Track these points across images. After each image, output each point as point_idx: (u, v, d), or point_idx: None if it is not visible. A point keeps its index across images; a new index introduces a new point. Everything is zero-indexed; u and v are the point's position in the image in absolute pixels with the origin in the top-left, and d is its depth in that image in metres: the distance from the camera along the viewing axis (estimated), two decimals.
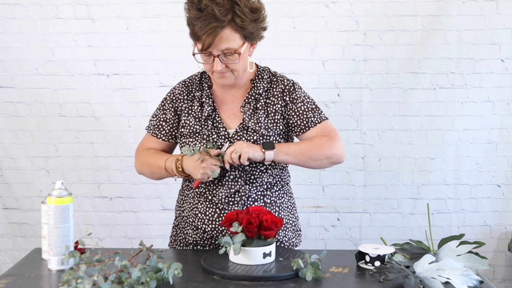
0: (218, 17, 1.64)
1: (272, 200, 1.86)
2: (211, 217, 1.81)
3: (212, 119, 1.83)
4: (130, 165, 3.10)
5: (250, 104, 1.83)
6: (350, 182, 3.13)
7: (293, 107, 1.83)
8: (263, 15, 1.75)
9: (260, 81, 1.86)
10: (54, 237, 1.56)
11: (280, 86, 1.85)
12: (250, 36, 1.73)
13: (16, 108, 3.11)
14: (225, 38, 1.67)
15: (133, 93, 3.09)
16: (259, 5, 1.74)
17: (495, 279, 3.17)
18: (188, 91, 1.88)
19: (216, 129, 1.82)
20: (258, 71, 1.89)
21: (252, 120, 1.81)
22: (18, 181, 3.15)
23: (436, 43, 3.03)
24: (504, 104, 3.07)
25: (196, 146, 1.78)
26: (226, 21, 1.65)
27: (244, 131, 1.80)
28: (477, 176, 3.11)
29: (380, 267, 1.52)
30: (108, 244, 3.05)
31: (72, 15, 3.05)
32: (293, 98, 1.84)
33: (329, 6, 3.04)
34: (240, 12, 1.66)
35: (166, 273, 1.43)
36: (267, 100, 1.84)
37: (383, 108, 3.08)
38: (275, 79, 1.87)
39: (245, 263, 1.56)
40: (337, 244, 3.13)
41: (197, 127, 1.82)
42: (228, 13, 1.65)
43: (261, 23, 1.75)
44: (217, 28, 1.65)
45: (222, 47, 1.69)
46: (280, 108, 1.83)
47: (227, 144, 1.78)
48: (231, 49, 1.70)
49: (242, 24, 1.68)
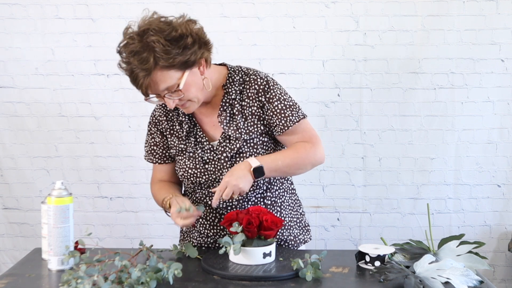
0: (141, 66, 1.60)
1: (273, 200, 1.85)
2: (212, 222, 1.82)
3: (194, 134, 1.81)
4: (130, 165, 3.11)
5: (226, 112, 1.78)
6: (350, 182, 3.13)
7: (270, 107, 1.76)
8: (192, 38, 1.64)
9: (231, 85, 1.79)
10: (54, 237, 1.56)
11: (253, 86, 1.77)
12: (186, 64, 1.64)
13: (16, 108, 3.11)
14: (159, 81, 1.62)
15: (133, 93, 3.04)
16: (182, 30, 1.64)
17: (495, 279, 3.17)
18: (166, 112, 1.86)
19: (200, 144, 1.80)
20: (228, 73, 1.81)
21: (232, 127, 1.77)
22: (18, 181, 3.15)
23: (436, 43, 3.03)
24: (504, 104, 3.07)
25: (185, 206, 1.70)
26: (150, 68, 1.59)
27: (227, 141, 1.77)
28: (477, 176, 3.11)
29: (380, 267, 1.52)
30: (108, 244, 3.05)
31: (72, 15, 3.05)
32: (268, 97, 1.76)
33: (329, 6, 3.04)
34: (161, 53, 1.59)
35: (166, 273, 1.43)
36: (243, 103, 1.78)
37: (383, 108, 3.08)
38: (248, 79, 1.78)
39: (245, 263, 1.56)
40: (337, 244, 3.13)
41: (182, 145, 1.82)
42: (149, 59, 1.59)
43: (194, 46, 1.64)
44: (145, 76, 1.60)
45: (161, 89, 1.64)
46: (256, 110, 1.77)
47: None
48: (171, 86, 1.64)
49: (168, 62, 1.60)
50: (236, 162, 1.76)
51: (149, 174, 3.07)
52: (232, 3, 3.03)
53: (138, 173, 3.12)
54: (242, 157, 1.75)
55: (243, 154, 1.76)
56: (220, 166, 1.77)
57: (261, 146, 1.78)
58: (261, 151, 1.78)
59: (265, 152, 1.79)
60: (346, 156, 3.11)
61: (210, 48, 1.73)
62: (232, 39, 3.01)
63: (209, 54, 1.73)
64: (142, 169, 3.11)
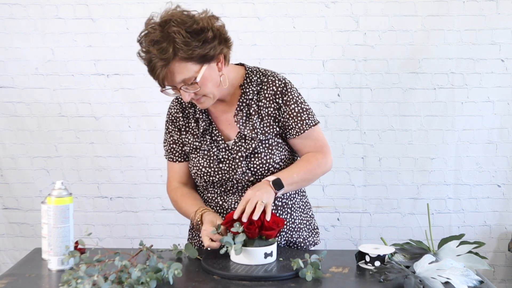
0: (160, 56, 1.61)
1: (284, 202, 1.85)
2: None
3: (210, 133, 1.81)
4: (130, 165, 3.11)
5: (242, 112, 1.79)
6: (350, 182, 3.13)
7: (287, 109, 1.78)
8: (212, 32, 1.66)
9: (249, 85, 1.80)
10: (54, 237, 1.56)
11: (271, 88, 1.78)
12: (205, 58, 1.65)
13: (16, 108, 3.11)
14: (176, 72, 1.63)
15: (133, 93, 3.09)
16: (203, 23, 1.65)
17: (495, 279, 3.17)
18: (182, 108, 1.86)
19: (216, 143, 1.80)
20: (246, 74, 1.82)
21: (247, 127, 1.78)
22: (18, 181, 3.15)
23: (436, 43, 3.03)
24: (504, 104, 3.07)
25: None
26: (169, 58, 1.60)
27: (242, 140, 1.78)
28: (477, 176, 3.11)
29: (380, 267, 1.52)
30: (108, 244, 3.05)
31: (72, 15, 3.05)
32: (286, 100, 1.78)
33: (329, 6, 3.04)
34: (182, 44, 1.60)
35: (166, 273, 1.43)
36: (259, 103, 1.79)
37: (383, 108, 3.08)
38: (265, 80, 1.80)
39: (246, 263, 1.56)
40: (337, 244, 3.13)
41: (197, 143, 1.82)
42: (168, 49, 1.60)
43: (214, 41, 1.66)
44: (162, 66, 1.61)
45: (178, 80, 1.64)
46: (273, 111, 1.79)
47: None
48: (187, 79, 1.64)
49: (187, 54, 1.61)
50: (251, 161, 1.76)
51: (149, 174, 3.12)
52: (232, 3, 3.03)
53: (138, 173, 3.12)
54: (257, 157, 1.76)
55: (259, 154, 1.76)
56: (234, 166, 1.77)
57: (276, 147, 1.79)
58: (276, 152, 1.78)
59: (280, 153, 1.80)
60: (346, 156, 3.11)
61: (230, 46, 1.75)
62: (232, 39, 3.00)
63: (229, 51, 1.75)
64: (142, 169, 3.12)
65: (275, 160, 1.78)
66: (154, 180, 3.11)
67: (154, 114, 3.06)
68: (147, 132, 3.09)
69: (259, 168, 1.76)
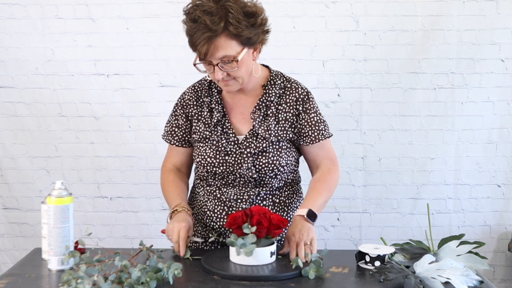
0: (211, 26, 1.62)
1: (281, 200, 1.87)
2: (219, 215, 1.83)
3: (222, 124, 1.83)
4: (130, 165, 3.11)
5: (260, 111, 1.82)
6: (350, 182, 3.13)
7: (306, 117, 1.83)
8: (261, 19, 1.71)
9: (272, 87, 1.84)
10: (54, 237, 1.56)
11: (294, 94, 1.84)
12: (249, 41, 1.69)
13: (16, 108, 3.11)
14: (220, 47, 1.65)
15: (133, 93, 3.09)
16: (256, 9, 1.70)
17: (495, 279, 3.17)
18: (197, 96, 1.88)
19: (226, 135, 1.82)
20: (270, 76, 1.86)
21: (262, 127, 1.80)
22: (18, 181, 3.15)
23: (436, 43, 3.03)
24: (504, 104, 3.07)
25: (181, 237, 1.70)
26: (219, 30, 1.63)
27: (253, 137, 1.80)
28: (477, 176, 3.11)
29: (380, 267, 1.52)
30: (108, 244, 3.05)
31: (72, 15, 3.05)
32: (306, 108, 1.83)
33: (329, 6, 3.04)
34: (234, 20, 1.64)
35: (166, 273, 1.43)
36: (279, 107, 1.83)
37: (383, 108, 3.08)
38: (289, 86, 1.85)
39: (253, 264, 1.55)
40: (337, 244, 3.13)
41: (207, 133, 1.83)
42: (221, 22, 1.63)
43: (260, 28, 1.71)
44: (210, 37, 1.63)
45: (219, 56, 1.66)
46: (291, 116, 1.82)
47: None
48: (228, 56, 1.67)
49: (236, 31, 1.65)
50: (257, 159, 1.78)
51: (149, 174, 3.12)
52: None
53: (138, 173, 3.12)
54: (265, 156, 1.79)
55: (267, 154, 1.79)
56: (240, 160, 1.79)
57: (284, 151, 1.82)
58: (284, 155, 1.81)
59: (287, 157, 1.83)
60: (346, 156, 3.11)
61: (267, 39, 1.78)
62: None
63: (264, 43, 1.78)
64: (142, 169, 3.12)
65: (281, 163, 1.81)
66: (154, 180, 3.10)
67: (154, 114, 3.06)
68: (147, 132, 3.09)
69: (264, 167, 1.79)
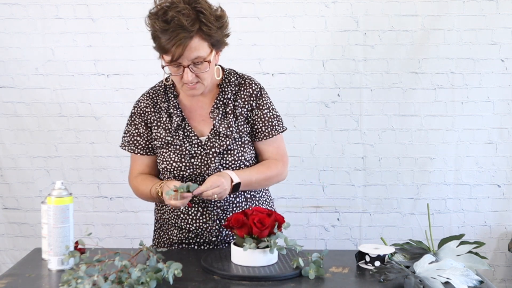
0: (186, 27, 1.64)
1: (252, 194, 1.91)
2: (194, 216, 1.84)
3: (182, 128, 1.84)
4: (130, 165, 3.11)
5: (219, 109, 1.84)
6: (350, 182, 3.13)
7: (258, 113, 1.86)
8: (226, 22, 1.77)
9: (227, 85, 1.87)
10: (54, 237, 1.56)
11: (248, 90, 1.86)
12: (217, 43, 1.75)
13: (16, 108, 3.11)
14: (194, 48, 1.67)
15: (133, 93, 3.08)
16: (222, 13, 1.77)
17: (495, 279, 3.16)
18: (153, 102, 1.88)
19: (188, 138, 1.83)
20: (224, 75, 1.89)
21: (223, 125, 1.83)
22: (18, 181, 3.15)
23: (436, 43, 3.03)
24: (504, 104, 3.07)
25: (174, 187, 1.68)
26: (194, 31, 1.66)
27: (216, 137, 1.82)
28: (477, 176, 3.11)
29: (380, 267, 1.52)
30: (108, 244, 3.05)
31: (72, 15, 3.05)
32: (259, 104, 1.86)
33: (329, 6, 3.04)
34: (206, 21, 1.68)
35: (166, 273, 1.43)
36: (235, 103, 1.86)
37: (383, 108, 3.08)
38: (243, 82, 1.88)
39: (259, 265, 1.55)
40: (337, 244, 3.13)
41: (168, 138, 1.83)
42: (195, 23, 1.66)
43: (225, 30, 1.78)
44: (186, 38, 1.65)
45: (192, 57, 1.68)
46: (246, 112, 1.85)
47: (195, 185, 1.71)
48: (200, 57, 1.70)
49: (209, 32, 1.68)
50: (223, 158, 1.81)
51: None
52: (232, 3, 3.01)
53: None
54: (230, 154, 1.81)
55: (231, 151, 1.82)
56: (207, 161, 1.80)
57: (247, 146, 1.85)
58: (247, 150, 1.85)
59: (250, 151, 1.86)
60: (346, 156, 3.11)
61: (226, 44, 1.82)
62: (232, 39, 2.98)
63: (226, 46, 1.83)
64: None
65: (246, 158, 1.84)
66: None
67: None
68: None
69: (231, 164, 1.81)
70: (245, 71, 1.98)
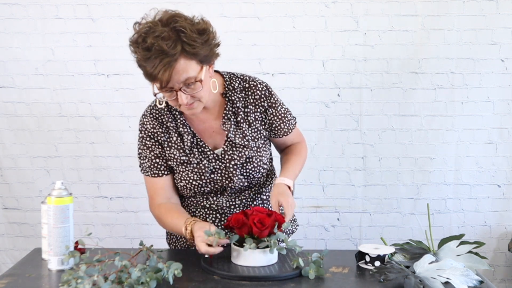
0: (168, 51, 1.53)
1: (267, 195, 1.89)
2: (213, 223, 1.82)
3: (196, 145, 1.78)
4: (130, 165, 3.11)
5: (230, 120, 1.77)
6: (350, 182, 3.13)
7: (273, 111, 1.81)
8: (212, 34, 1.64)
9: (233, 93, 1.78)
10: (54, 237, 1.56)
11: (256, 92, 1.79)
12: (205, 59, 1.62)
13: (16, 108, 3.11)
14: (181, 70, 1.57)
15: (133, 93, 3.09)
16: (205, 25, 1.63)
17: (495, 279, 3.17)
18: (159, 123, 1.79)
19: (203, 154, 1.77)
20: (225, 80, 1.79)
21: (238, 135, 1.77)
22: (18, 181, 3.15)
23: (436, 43, 3.03)
24: (504, 104, 3.07)
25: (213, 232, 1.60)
26: (177, 53, 1.54)
27: (233, 148, 1.77)
28: (477, 176, 3.11)
29: (380, 267, 1.52)
30: (108, 244, 3.05)
31: (72, 15, 3.05)
32: (271, 102, 1.81)
33: (329, 6, 3.04)
34: (188, 39, 1.56)
35: (166, 273, 1.43)
36: (246, 109, 1.79)
37: (383, 108, 3.08)
38: (247, 86, 1.79)
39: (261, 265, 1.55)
40: (337, 244, 3.13)
41: (184, 158, 1.77)
42: (177, 44, 1.54)
43: (212, 42, 1.64)
44: (170, 62, 1.54)
45: (181, 79, 1.58)
46: (259, 115, 1.80)
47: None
48: (190, 78, 1.59)
49: (193, 50, 1.57)
50: (245, 168, 1.77)
51: None
52: (232, 3, 3.02)
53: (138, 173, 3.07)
54: (251, 163, 1.78)
55: (250, 159, 1.78)
56: (228, 174, 1.77)
57: (263, 149, 1.82)
58: (264, 154, 1.81)
59: (266, 153, 1.82)
60: (346, 156, 3.11)
61: (219, 53, 1.70)
62: (232, 39, 3.01)
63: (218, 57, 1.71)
64: None
65: (264, 161, 1.81)
66: None
67: None
68: None
69: (251, 172, 1.79)
70: (245, 71, 1.96)
